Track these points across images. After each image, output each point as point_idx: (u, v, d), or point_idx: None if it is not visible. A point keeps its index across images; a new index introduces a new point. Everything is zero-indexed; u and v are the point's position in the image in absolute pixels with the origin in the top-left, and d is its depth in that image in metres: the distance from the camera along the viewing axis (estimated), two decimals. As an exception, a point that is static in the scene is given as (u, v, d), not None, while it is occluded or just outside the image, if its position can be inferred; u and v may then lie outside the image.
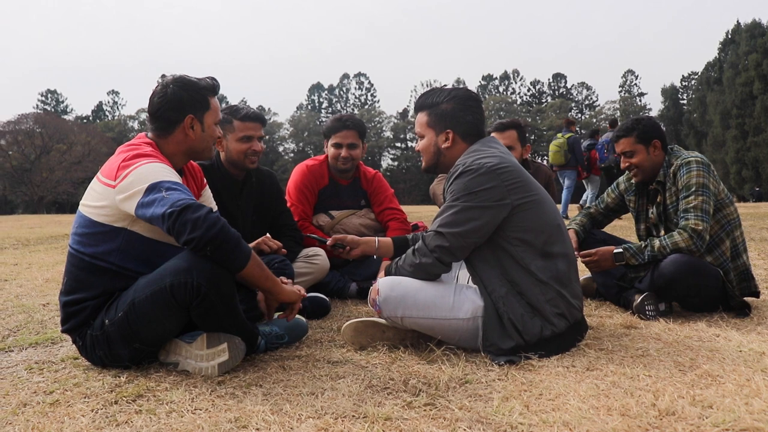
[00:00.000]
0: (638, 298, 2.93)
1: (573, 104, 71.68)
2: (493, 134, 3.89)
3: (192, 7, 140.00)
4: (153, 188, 1.98)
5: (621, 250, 2.98)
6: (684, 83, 66.36)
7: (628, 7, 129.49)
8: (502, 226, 2.27)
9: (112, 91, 75.25)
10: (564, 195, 10.56)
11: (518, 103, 72.56)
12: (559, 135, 10.60)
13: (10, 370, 2.20)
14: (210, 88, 2.32)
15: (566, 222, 2.85)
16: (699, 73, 56.90)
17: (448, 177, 2.38)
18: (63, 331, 2.22)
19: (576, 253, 3.07)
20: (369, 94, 76.77)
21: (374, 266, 3.69)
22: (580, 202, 11.28)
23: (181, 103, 2.24)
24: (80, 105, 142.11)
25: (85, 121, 67.07)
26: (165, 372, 2.11)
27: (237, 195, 3.21)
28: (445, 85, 2.53)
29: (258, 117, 3.18)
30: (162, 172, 2.05)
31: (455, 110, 2.43)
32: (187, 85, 2.27)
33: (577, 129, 12.26)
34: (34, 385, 2.00)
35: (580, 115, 71.09)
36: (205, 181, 2.60)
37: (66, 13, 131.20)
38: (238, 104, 3.19)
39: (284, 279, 2.32)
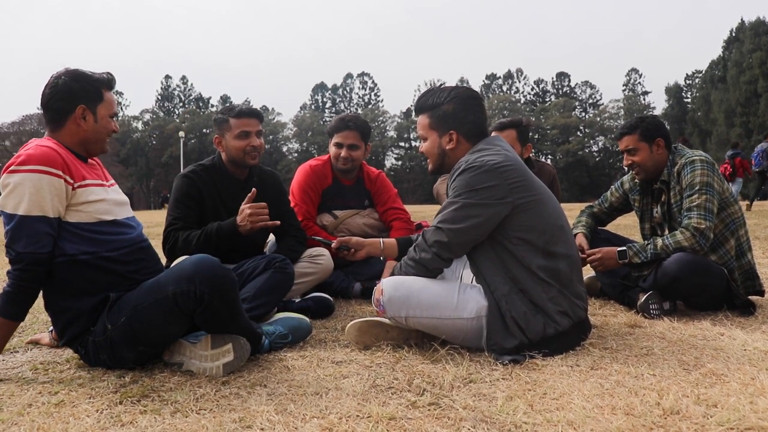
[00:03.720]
0: (642, 297, 2.92)
1: (577, 103, 71.56)
2: (493, 133, 3.88)
3: (197, 8, 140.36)
4: (9, 219, 2.04)
5: (624, 248, 2.98)
6: (688, 82, 66.25)
7: (632, 6, 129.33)
8: (504, 225, 2.26)
9: (116, 91, 74.54)
10: None
11: (522, 102, 72.56)
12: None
13: (16, 370, 2.21)
14: (104, 81, 2.25)
15: None
16: (703, 72, 56.77)
17: (451, 174, 2.38)
18: (63, 345, 2.24)
19: (583, 254, 3.06)
20: (372, 94, 76.86)
21: (378, 266, 3.69)
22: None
23: (72, 94, 2.17)
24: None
25: (89, 121, 67.12)
26: (169, 372, 2.11)
27: (239, 195, 3.19)
28: (443, 84, 2.51)
29: (253, 112, 3.14)
30: (31, 198, 2.02)
31: (457, 111, 2.42)
32: (78, 77, 2.20)
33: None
34: (39, 385, 2.00)
35: (583, 114, 70.97)
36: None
37: (71, 14, 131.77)
38: (232, 103, 3.16)
39: None
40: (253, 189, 2.88)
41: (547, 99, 73.87)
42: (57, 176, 2.05)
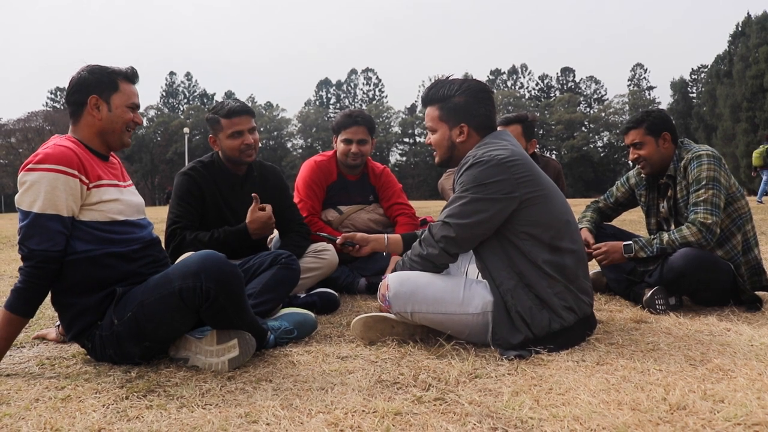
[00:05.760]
0: (648, 293, 2.91)
1: (581, 98, 71.30)
2: (499, 128, 3.88)
3: (201, 4, 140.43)
4: (24, 216, 2.06)
5: (630, 242, 2.97)
6: (693, 76, 65.91)
7: (636, 1, 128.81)
8: (511, 219, 2.26)
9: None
10: (761, 186, 14.74)
11: (526, 97, 72.29)
12: (761, 146, 14.89)
13: (23, 365, 2.22)
14: (121, 72, 2.27)
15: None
16: (709, 66, 56.40)
17: (458, 168, 2.37)
18: (70, 340, 2.26)
19: (588, 248, 3.06)
20: (377, 90, 76.72)
21: (383, 261, 3.69)
22: None
23: (85, 85, 2.21)
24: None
25: (94, 118, 67.35)
26: (175, 367, 2.12)
27: (238, 191, 3.19)
28: (450, 76, 2.49)
29: (243, 110, 3.11)
30: (46, 197, 2.04)
31: (468, 103, 2.40)
32: (94, 69, 2.24)
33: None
34: (46, 380, 2.01)
35: (588, 109, 70.73)
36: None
37: (75, 12, 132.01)
38: (222, 101, 3.13)
39: None
40: (254, 194, 2.96)
41: (552, 94, 73.60)
42: (73, 176, 2.07)
